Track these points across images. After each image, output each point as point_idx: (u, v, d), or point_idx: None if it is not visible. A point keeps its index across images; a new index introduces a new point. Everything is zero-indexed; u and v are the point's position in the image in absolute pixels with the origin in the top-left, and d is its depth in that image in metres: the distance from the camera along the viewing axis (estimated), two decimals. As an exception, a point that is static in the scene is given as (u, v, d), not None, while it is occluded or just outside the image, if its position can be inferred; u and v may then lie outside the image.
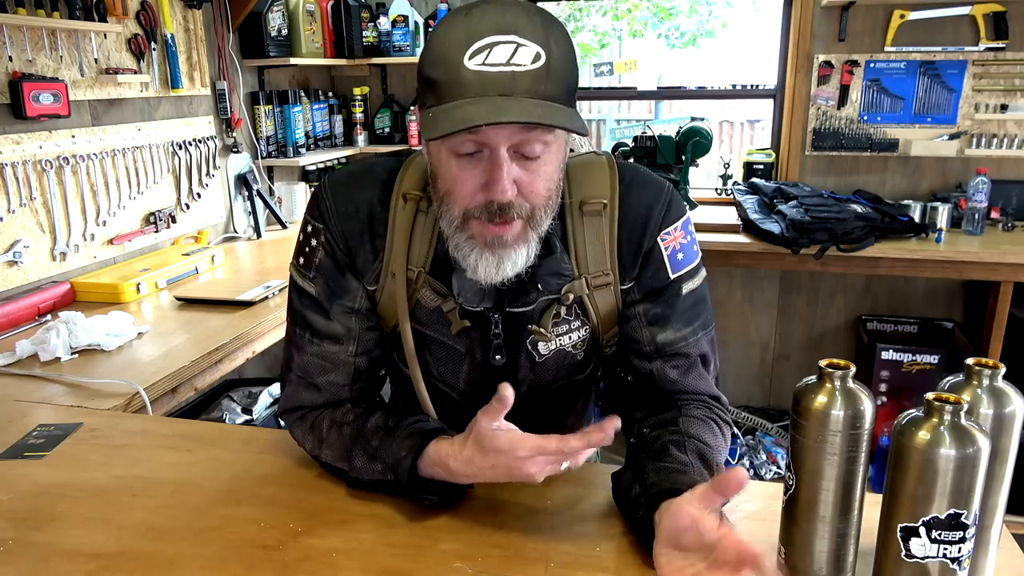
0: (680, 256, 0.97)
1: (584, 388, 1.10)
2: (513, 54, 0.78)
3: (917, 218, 2.68)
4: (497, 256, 0.87)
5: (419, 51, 3.07)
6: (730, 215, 2.88)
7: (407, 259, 0.96)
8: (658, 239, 0.96)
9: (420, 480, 0.89)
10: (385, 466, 0.91)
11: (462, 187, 0.84)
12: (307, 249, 1.00)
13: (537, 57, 0.79)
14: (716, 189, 3.16)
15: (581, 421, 1.17)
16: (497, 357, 1.00)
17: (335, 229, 0.97)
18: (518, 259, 0.88)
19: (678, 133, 2.96)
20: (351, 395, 1.02)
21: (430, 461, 0.88)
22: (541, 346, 1.00)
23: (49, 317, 1.85)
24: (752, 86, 3.22)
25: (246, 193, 2.84)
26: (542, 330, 0.98)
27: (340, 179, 1.00)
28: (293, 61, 2.84)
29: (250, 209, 2.84)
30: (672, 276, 0.97)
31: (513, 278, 0.90)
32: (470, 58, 0.78)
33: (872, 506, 0.77)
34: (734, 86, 3.26)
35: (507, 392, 0.82)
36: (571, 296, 0.97)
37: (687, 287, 0.98)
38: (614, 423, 0.79)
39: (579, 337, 1.01)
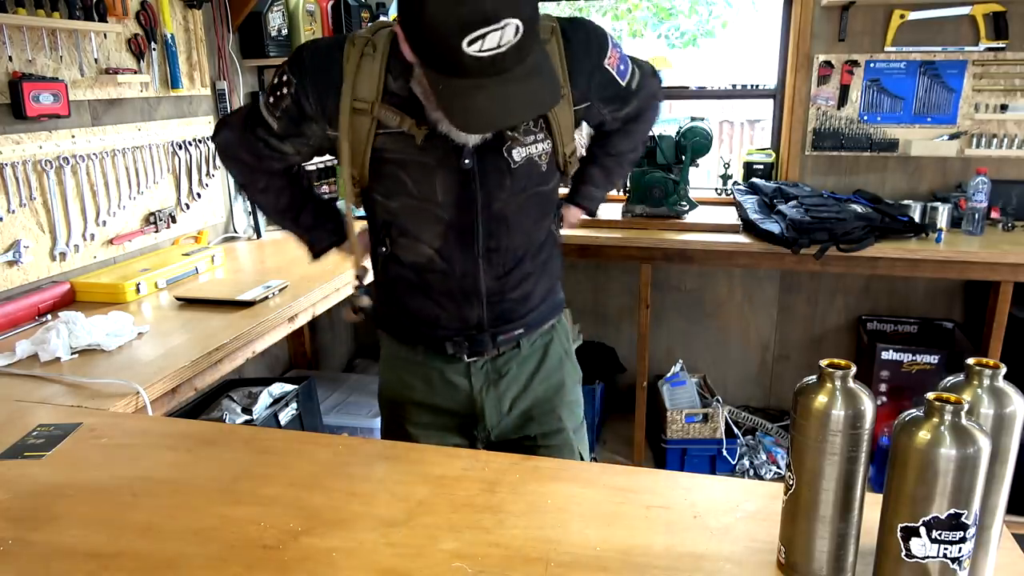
0: (621, 67, 1.26)
1: (549, 201, 1.31)
2: (501, 37, 0.94)
3: (917, 218, 2.68)
4: None
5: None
6: (730, 215, 2.88)
7: (358, 93, 1.14)
8: (604, 65, 1.22)
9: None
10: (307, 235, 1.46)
11: None
12: (278, 93, 1.20)
13: (517, 30, 0.95)
14: (716, 189, 3.16)
15: (548, 230, 1.34)
16: (466, 161, 1.17)
17: (309, 84, 1.16)
18: None
19: (678, 133, 2.96)
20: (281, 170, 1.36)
21: None
22: (515, 153, 1.18)
23: (49, 317, 1.85)
24: (752, 86, 3.22)
25: (246, 193, 2.84)
26: (515, 135, 1.17)
27: (320, 42, 1.21)
28: (293, 61, 2.83)
29: (250, 209, 2.84)
30: (623, 84, 1.27)
31: None
32: (468, 45, 0.94)
33: (872, 506, 0.77)
34: (734, 86, 3.26)
35: None
36: None
37: (633, 82, 1.29)
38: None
39: (543, 149, 1.23)
